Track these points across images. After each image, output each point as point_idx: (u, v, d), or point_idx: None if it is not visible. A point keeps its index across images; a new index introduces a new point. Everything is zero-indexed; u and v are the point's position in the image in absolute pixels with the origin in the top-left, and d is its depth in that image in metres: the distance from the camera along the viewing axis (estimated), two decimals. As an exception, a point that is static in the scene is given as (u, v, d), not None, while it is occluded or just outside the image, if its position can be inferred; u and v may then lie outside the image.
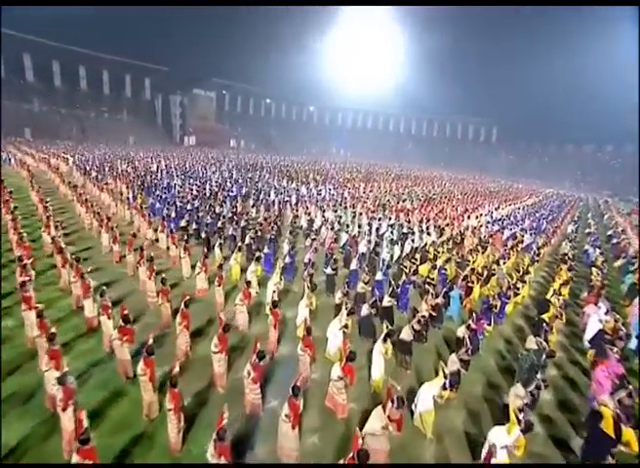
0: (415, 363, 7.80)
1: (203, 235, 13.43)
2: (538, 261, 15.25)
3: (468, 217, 20.73)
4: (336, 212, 18.43)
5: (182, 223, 14.15)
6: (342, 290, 8.71)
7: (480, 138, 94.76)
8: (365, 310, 8.22)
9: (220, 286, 8.99)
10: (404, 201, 25.23)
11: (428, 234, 15.66)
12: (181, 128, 74.83)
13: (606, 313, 9.67)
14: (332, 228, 14.79)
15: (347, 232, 14.81)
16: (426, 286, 10.11)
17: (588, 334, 9.22)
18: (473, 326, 7.71)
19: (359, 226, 16.76)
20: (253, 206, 18.81)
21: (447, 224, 18.34)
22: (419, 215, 19.77)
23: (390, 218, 18.74)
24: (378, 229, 16.17)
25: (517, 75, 76.71)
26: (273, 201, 20.64)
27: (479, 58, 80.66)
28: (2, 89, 54.32)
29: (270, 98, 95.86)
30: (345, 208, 20.46)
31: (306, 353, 6.60)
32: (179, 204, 16.74)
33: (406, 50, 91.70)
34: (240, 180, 27.14)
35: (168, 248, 12.08)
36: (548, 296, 10.50)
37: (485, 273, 11.71)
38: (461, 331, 7.66)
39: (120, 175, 23.77)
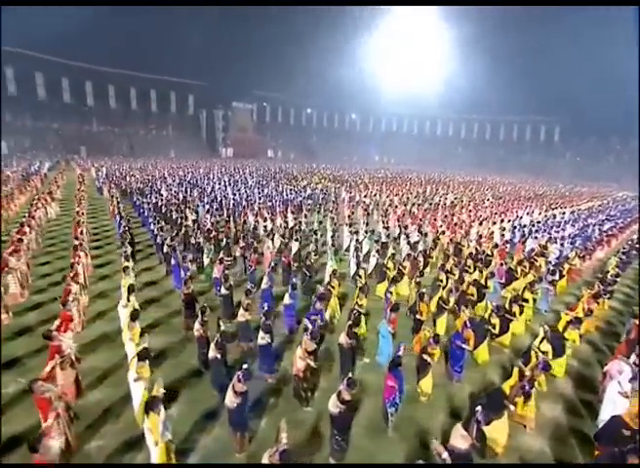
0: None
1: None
2: (561, 277, 11.35)
3: (480, 224, 16.88)
4: (306, 217, 15.88)
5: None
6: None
7: (540, 139, 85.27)
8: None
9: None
10: (415, 205, 21.81)
11: (408, 242, 12.47)
12: (224, 140, 77.46)
13: (631, 380, 5.85)
14: (283, 236, 12.37)
15: (316, 239, 12.41)
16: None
17: (604, 414, 5.63)
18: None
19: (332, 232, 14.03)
20: (208, 212, 16.96)
21: (442, 232, 14.78)
22: (413, 222, 16.41)
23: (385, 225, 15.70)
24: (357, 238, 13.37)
25: (583, 63, 66.92)
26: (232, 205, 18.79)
27: (535, 49, 72.35)
28: (67, 113, 60.95)
29: (311, 108, 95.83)
30: (318, 213, 17.69)
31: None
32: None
33: (453, 49, 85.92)
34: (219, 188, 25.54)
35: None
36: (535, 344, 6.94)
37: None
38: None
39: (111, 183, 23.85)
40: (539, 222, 18.81)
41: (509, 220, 18.87)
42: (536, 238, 15.79)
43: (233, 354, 7.25)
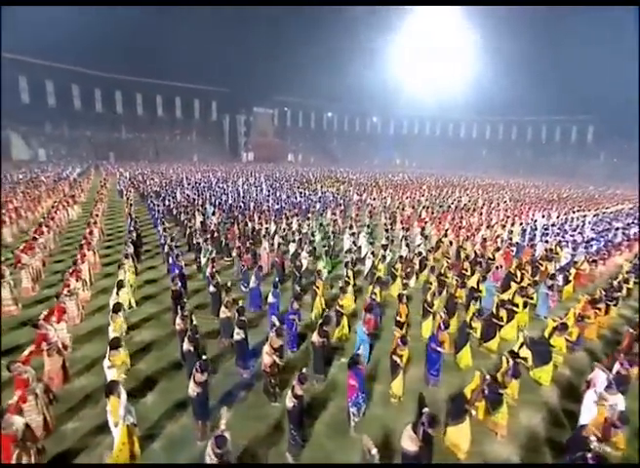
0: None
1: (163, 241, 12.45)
2: (567, 283, 10.98)
3: (488, 227, 16.44)
4: (308, 219, 16.04)
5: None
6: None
7: (570, 140, 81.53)
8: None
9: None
10: (425, 208, 21.50)
11: (407, 245, 12.35)
12: (245, 145, 79.32)
13: (606, 388, 5.56)
14: (283, 238, 12.61)
15: (311, 241, 12.61)
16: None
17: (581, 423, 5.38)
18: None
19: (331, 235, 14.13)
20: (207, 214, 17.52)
21: (445, 235, 14.51)
22: (418, 224, 16.22)
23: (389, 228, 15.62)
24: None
25: (615, 61, 63.74)
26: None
27: (563, 47, 69.41)
28: (99, 122, 64.73)
29: (332, 112, 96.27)
30: (321, 215, 17.78)
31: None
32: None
33: (477, 49, 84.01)
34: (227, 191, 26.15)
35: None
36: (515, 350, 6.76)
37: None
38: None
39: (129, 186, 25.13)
40: (553, 226, 18.09)
41: (521, 224, 18.26)
42: (546, 241, 15.23)
43: (216, 349, 7.55)
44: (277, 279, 8.91)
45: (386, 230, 14.15)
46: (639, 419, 5.58)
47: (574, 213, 24.53)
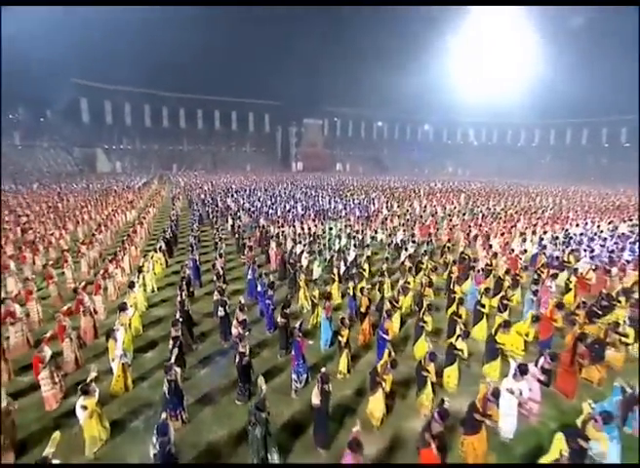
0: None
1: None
2: (568, 291, 11.00)
3: (502, 235, 16.36)
4: (322, 224, 17.34)
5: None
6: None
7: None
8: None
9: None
10: (452, 216, 21.67)
11: (405, 248, 13.10)
12: (295, 155, 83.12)
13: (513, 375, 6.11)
14: (294, 240, 14.14)
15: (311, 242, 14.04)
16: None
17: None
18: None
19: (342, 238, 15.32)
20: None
21: (448, 240, 14.88)
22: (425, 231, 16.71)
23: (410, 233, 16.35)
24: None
25: None
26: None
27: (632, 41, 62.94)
28: (164, 136, 72.92)
29: (382, 121, 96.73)
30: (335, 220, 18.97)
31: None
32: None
33: (537, 49, 79.07)
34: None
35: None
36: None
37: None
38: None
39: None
40: (581, 235, 17.34)
41: (545, 232, 17.76)
42: (562, 251, 14.84)
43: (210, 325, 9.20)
44: (266, 272, 10.36)
45: (389, 235, 14.98)
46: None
47: (624, 222, 22.73)
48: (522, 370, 5.80)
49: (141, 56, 58.21)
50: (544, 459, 4.65)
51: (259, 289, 9.56)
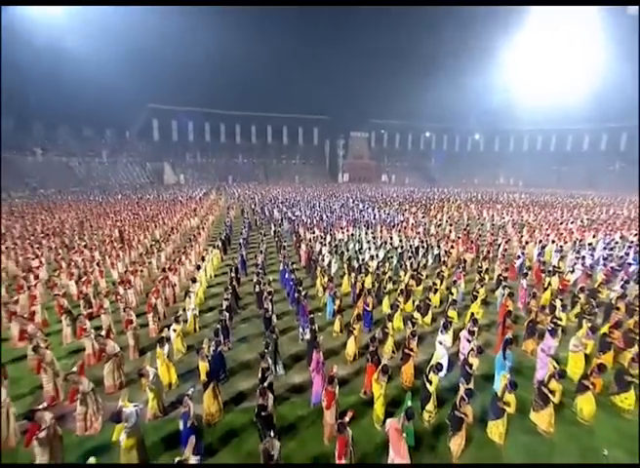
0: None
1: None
2: (545, 289, 12.58)
3: (506, 243, 17.97)
4: (349, 230, 20.28)
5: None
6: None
7: None
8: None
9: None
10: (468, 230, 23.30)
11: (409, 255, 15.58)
12: (342, 167, 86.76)
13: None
14: (321, 243, 17.29)
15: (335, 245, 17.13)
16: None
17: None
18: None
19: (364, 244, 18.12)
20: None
21: (451, 246, 17.00)
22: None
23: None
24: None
25: None
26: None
27: None
28: (222, 150, 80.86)
29: (430, 131, 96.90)
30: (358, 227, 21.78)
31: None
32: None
33: (600, 51, 74.17)
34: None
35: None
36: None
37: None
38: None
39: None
40: (589, 244, 18.22)
41: (566, 242, 18.96)
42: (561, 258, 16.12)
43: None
44: (291, 264, 13.61)
45: (385, 242, 17.73)
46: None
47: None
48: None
49: (204, 78, 66.76)
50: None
51: (286, 276, 12.75)
